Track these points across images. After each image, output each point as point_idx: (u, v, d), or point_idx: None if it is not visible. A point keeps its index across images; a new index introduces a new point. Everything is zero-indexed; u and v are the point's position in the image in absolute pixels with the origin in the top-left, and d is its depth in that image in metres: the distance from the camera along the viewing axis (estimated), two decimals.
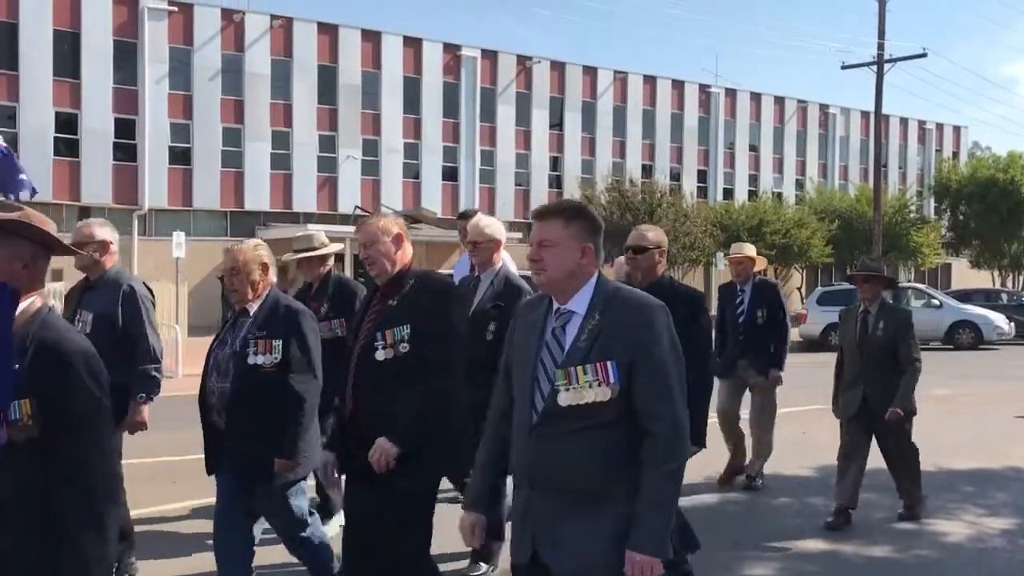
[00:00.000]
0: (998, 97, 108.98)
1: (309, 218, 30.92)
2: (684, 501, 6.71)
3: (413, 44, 34.82)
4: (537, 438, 2.50)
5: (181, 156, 30.19)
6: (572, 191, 37.12)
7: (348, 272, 29.10)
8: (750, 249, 7.19)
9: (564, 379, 2.47)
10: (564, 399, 2.46)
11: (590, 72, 39.23)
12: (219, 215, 30.96)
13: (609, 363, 2.45)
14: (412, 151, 34.83)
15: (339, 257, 30.08)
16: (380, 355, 3.34)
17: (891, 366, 5.73)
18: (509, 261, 5.40)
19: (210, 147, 30.55)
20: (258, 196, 31.39)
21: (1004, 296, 30.70)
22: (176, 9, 29.80)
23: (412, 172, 34.88)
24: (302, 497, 4.06)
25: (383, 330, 3.38)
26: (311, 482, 4.98)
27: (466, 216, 6.01)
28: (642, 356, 2.46)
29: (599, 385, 2.44)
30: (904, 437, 6.03)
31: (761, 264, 6.92)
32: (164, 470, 7.71)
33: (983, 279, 43.27)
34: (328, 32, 32.90)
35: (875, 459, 8.39)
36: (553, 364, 2.51)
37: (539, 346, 2.56)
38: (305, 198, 32.29)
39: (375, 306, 3.52)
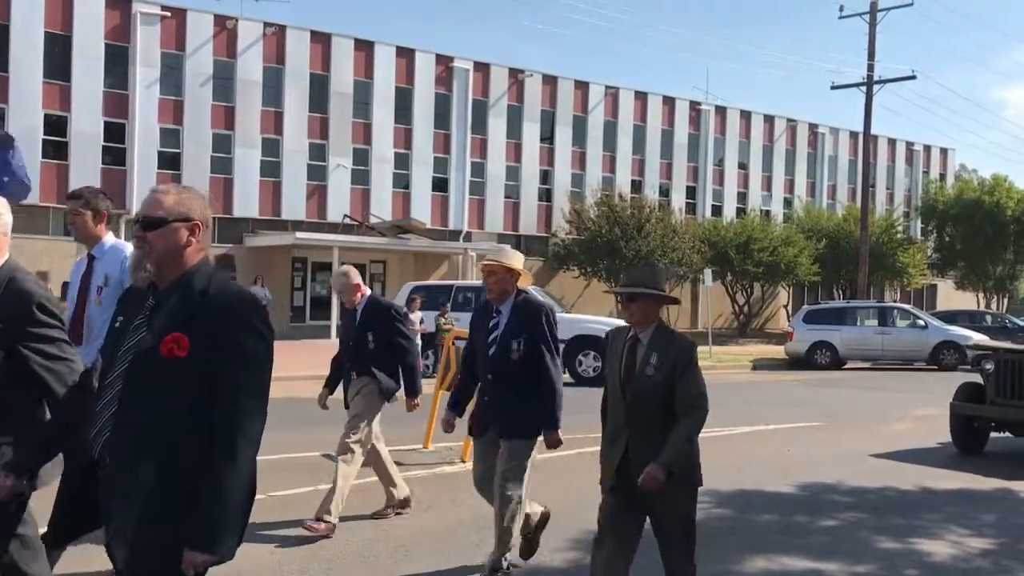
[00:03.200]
0: (985, 121, 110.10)
1: (298, 226, 30.84)
2: None
3: (406, 54, 34.86)
4: None
5: (170, 161, 30.08)
6: (562, 205, 37.20)
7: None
8: (511, 258, 5.15)
9: None
10: None
11: (582, 86, 39.37)
12: None
13: None
14: (402, 161, 34.83)
15: (325, 266, 30.03)
16: None
17: (666, 417, 3.86)
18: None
19: (200, 153, 30.45)
20: (247, 203, 31.30)
21: (988, 318, 30.93)
22: (169, 14, 29.76)
23: (402, 182, 34.87)
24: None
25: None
26: None
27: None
28: None
29: None
30: (681, 524, 4.03)
31: (526, 281, 5.22)
32: None
33: (968, 300, 43.56)
34: (321, 40, 32.91)
35: (859, 477, 8.40)
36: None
37: None
38: (294, 206, 32.22)
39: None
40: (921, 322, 23.93)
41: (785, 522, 6.62)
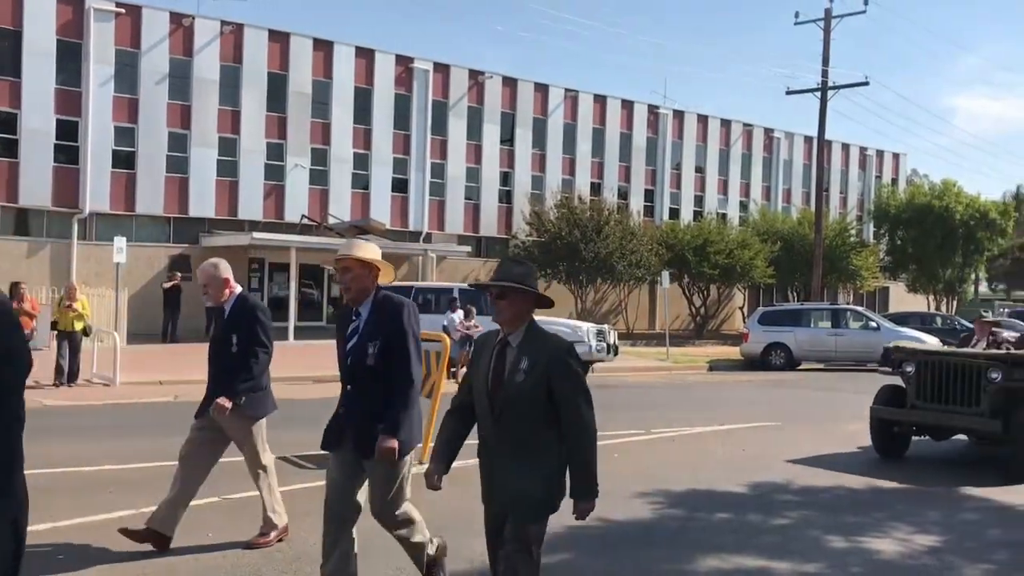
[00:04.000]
0: (936, 127, 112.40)
1: (255, 226, 30.53)
2: (615, 515, 6.77)
3: (365, 55, 34.68)
4: None
5: (125, 160, 29.58)
6: (522, 207, 37.27)
7: (294, 284, 28.80)
8: (366, 250, 4.51)
9: None
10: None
11: (541, 89, 39.48)
12: (162, 221, 30.38)
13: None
14: (362, 162, 34.64)
15: (282, 267, 29.77)
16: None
17: (537, 431, 3.46)
18: None
19: (155, 152, 29.99)
20: (203, 202, 30.90)
21: (939, 320, 31.59)
22: (123, 11, 29.26)
23: (361, 183, 34.68)
24: None
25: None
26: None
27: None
28: None
29: None
30: (524, 558, 3.52)
31: (387, 276, 4.56)
32: (103, 479, 7.52)
33: (919, 303, 44.46)
34: (279, 40, 32.60)
35: (812, 477, 8.55)
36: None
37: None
38: (251, 206, 31.87)
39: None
40: (873, 324, 24.39)
41: (738, 521, 6.72)
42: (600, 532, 6.26)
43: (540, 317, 3.73)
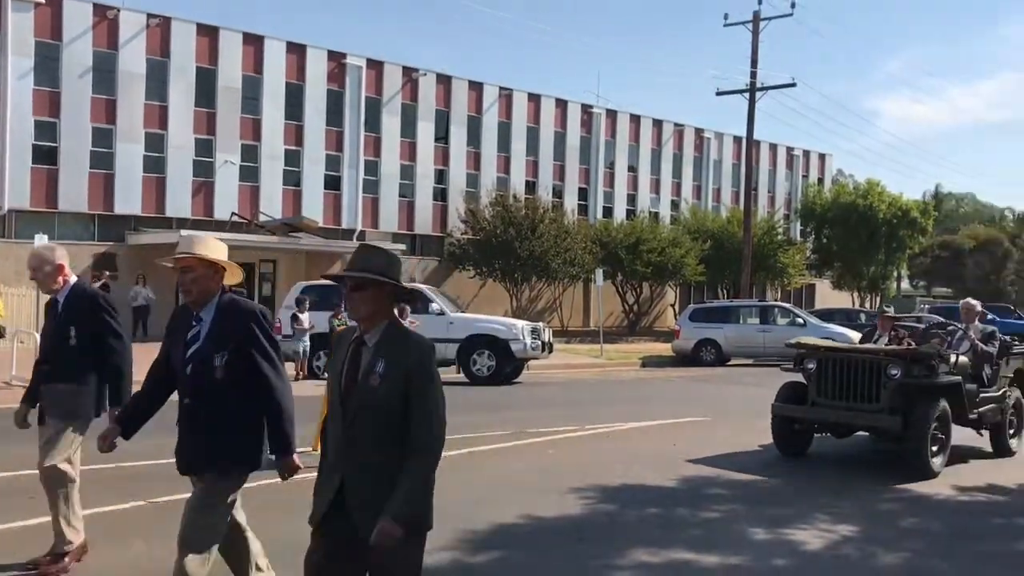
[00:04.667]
0: (861, 128, 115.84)
1: (183, 223, 29.86)
2: (547, 512, 6.83)
3: (296, 50, 34.21)
4: None
5: (47, 155, 28.65)
6: (457, 205, 37.22)
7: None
8: (209, 247, 4.04)
9: None
10: None
11: (476, 87, 39.47)
12: (86, 218, 29.52)
13: None
14: (293, 158, 34.17)
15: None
16: None
17: (394, 440, 3.09)
18: None
19: (78, 147, 29.11)
20: (129, 199, 30.12)
21: (863, 316, 32.50)
22: (43, 1, 28.35)
23: (293, 180, 34.22)
24: None
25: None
26: None
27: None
28: None
29: None
30: None
31: (234, 276, 4.11)
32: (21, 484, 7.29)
33: (844, 299, 45.66)
34: (208, 34, 31.95)
35: (740, 471, 8.72)
36: None
37: None
38: (179, 203, 31.18)
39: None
40: (800, 320, 25.01)
41: (667, 515, 6.84)
42: (531, 529, 6.31)
43: (478, 316, 3.56)
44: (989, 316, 33.76)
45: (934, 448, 8.47)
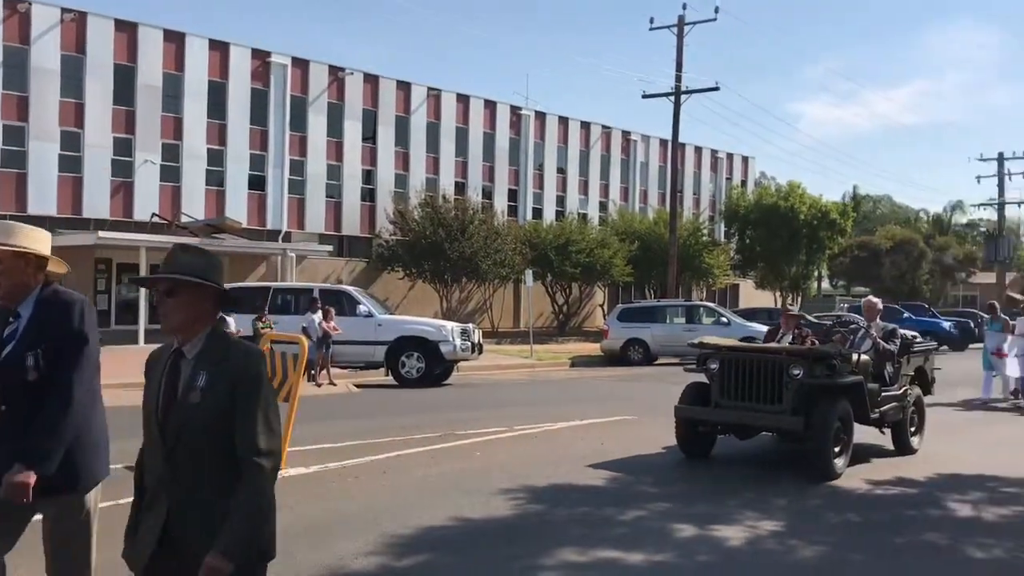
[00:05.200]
0: (782, 132, 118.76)
1: (101, 225, 29.00)
2: (475, 514, 6.78)
3: (219, 47, 33.55)
4: None
5: None
6: (386, 205, 36.95)
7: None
8: (25, 237, 3.58)
9: None
10: None
11: (404, 87, 39.26)
12: None
13: None
14: (216, 158, 33.49)
15: (131, 268, 28.42)
16: None
17: (222, 464, 2.70)
18: None
19: None
20: (44, 200, 29.12)
21: None
22: None
23: (216, 180, 33.53)
24: None
25: None
26: None
27: None
28: None
29: None
30: None
31: (58, 268, 3.72)
32: None
33: (766, 299, 46.70)
34: (126, 30, 31.10)
35: (668, 468, 8.80)
36: None
37: None
38: (97, 204, 30.27)
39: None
40: (725, 319, 25.50)
41: (595, 514, 6.86)
42: (459, 531, 6.27)
43: (407, 317, 3.12)
44: (905, 314, 35.00)
45: (836, 448, 8.33)
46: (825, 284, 61.53)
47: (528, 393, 16.95)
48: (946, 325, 33.75)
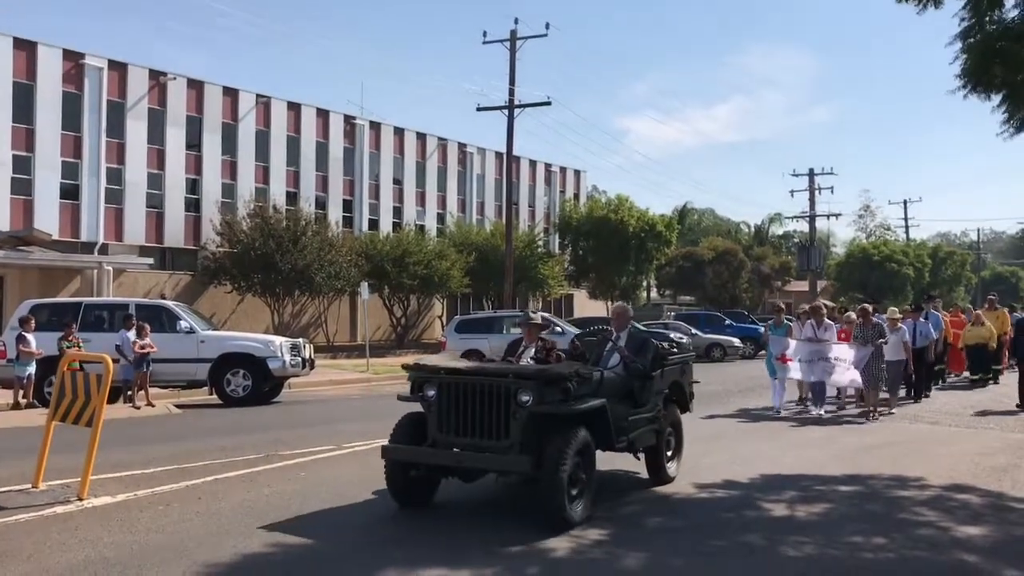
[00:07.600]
0: (611, 147, 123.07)
1: None
2: (295, 539, 6.44)
3: (26, 47, 31.25)
4: None
5: None
6: (212, 216, 35.46)
7: None
8: None
9: None
10: None
11: (231, 93, 37.86)
12: None
13: None
14: (23, 165, 31.13)
15: None
16: None
17: None
18: None
19: None
20: None
21: None
22: None
23: (23, 188, 31.16)
24: None
25: None
26: None
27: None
28: None
29: None
30: None
31: None
32: None
33: (599, 308, 48.03)
34: None
35: (491, 480, 8.73)
36: None
37: None
38: None
39: None
40: (559, 329, 25.87)
41: (420, 531, 6.69)
42: (278, 558, 5.94)
43: (233, 333, 2.95)
44: (727, 321, 36.77)
45: (573, 491, 6.67)
46: (654, 293, 63.92)
47: (361, 409, 16.56)
48: (763, 330, 35.69)
